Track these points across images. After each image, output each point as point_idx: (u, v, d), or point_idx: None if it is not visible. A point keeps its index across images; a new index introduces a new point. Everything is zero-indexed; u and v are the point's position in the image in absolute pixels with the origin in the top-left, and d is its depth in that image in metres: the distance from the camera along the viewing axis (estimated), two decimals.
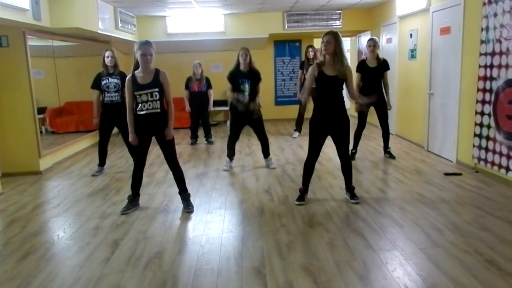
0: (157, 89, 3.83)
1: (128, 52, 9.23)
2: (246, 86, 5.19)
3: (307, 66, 7.53)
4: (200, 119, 7.58)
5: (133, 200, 4.12)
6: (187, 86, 7.31)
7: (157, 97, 3.84)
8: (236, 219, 3.81)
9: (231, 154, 5.57)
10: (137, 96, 3.83)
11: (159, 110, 3.89)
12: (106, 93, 5.30)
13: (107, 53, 5.34)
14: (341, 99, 4.01)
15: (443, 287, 2.52)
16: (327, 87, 3.93)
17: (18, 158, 5.62)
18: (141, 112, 3.87)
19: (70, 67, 7.16)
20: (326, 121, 3.99)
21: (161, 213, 4.00)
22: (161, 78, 3.87)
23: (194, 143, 7.57)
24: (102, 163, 5.62)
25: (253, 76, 5.26)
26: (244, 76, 5.20)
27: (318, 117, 4.01)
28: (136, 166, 4.08)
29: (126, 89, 3.89)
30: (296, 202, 4.12)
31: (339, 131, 4.03)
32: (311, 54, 7.47)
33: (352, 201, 4.08)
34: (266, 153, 5.62)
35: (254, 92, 5.27)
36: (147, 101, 3.83)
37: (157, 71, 3.88)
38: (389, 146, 5.94)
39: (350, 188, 4.16)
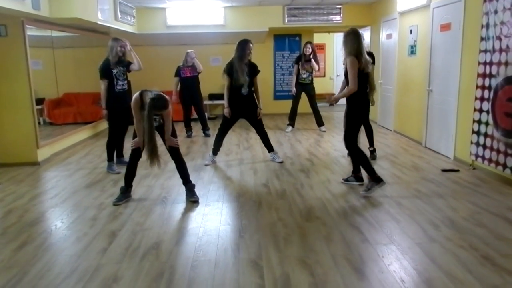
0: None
1: None
2: (246, 78, 5.20)
3: (303, 61, 7.53)
4: (195, 109, 7.55)
5: (126, 191, 4.13)
6: (178, 73, 7.30)
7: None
8: (234, 212, 3.82)
9: (217, 148, 5.54)
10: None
11: None
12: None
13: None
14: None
15: (439, 281, 2.54)
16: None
17: (16, 148, 5.60)
18: None
19: (69, 58, 7.12)
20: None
21: (158, 205, 4.00)
22: None
23: (191, 136, 7.54)
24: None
25: (252, 68, 5.27)
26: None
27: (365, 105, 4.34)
28: (134, 158, 4.09)
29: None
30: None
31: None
32: (308, 50, 7.45)
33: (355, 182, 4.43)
34: (269, 147, 5.59)
35: (252, 85, 5.28)
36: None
37: None
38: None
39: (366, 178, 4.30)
